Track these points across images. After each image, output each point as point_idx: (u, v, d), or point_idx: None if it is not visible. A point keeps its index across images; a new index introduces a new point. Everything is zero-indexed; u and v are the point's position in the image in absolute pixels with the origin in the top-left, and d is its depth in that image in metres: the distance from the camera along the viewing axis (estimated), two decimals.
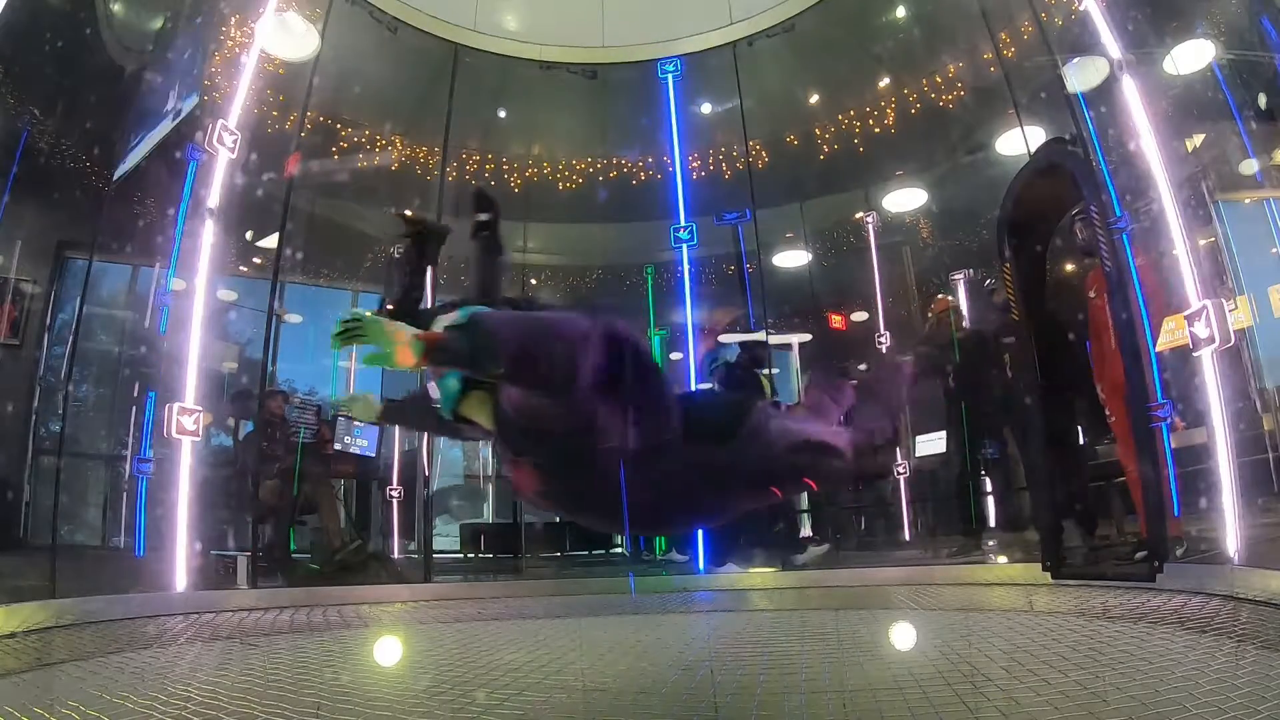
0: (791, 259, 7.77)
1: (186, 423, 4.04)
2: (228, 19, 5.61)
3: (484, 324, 1.37)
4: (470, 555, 6.80)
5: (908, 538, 5.86)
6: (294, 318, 7.27)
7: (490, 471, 8.65)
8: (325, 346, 7.94)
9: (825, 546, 5.36)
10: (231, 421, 5.75)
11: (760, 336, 5.91)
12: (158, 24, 5.76)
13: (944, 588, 4.16)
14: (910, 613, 3.46)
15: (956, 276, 6.84)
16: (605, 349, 1.38)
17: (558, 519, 8.31)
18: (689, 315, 5.63)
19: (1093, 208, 3.80)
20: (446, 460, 8.21)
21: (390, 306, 2.48)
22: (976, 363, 5.23)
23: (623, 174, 7.70)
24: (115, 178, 4.80)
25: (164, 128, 5.14)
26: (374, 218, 7.84)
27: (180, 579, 3.93)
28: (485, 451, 8.98)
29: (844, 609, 3.57)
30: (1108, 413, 4.03)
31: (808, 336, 7.56)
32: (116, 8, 5.73)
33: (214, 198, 4.35)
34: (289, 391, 6.26)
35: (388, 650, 2.82)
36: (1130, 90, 3.88)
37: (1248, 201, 5.33)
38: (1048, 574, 3.97)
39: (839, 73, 7.06)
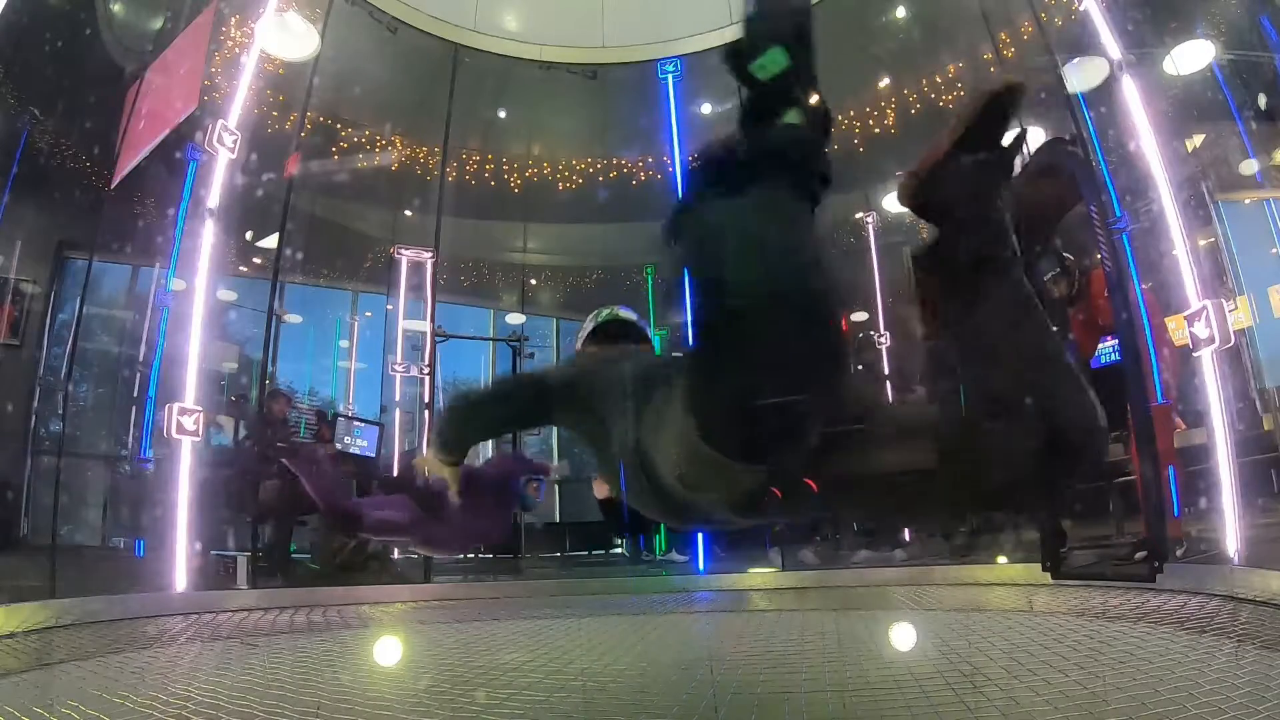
0: None
1: (186, 423, 4.04)
2: (228, 19, 5.62)
3: None
4: (470, 555, 6.79)
5: (907, 538, 5.86)
6: (294, 318, 7.27)
7: None
8: (325, 346, 7.95)
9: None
10: (231, 421, 5.75)
11: None
12: (158, 24, 5.76)
13: (944, 588, 4.16)
14: (910, 613, 3.46)
15: None
16: None
17: (558, 519, 8.34)
18: (689, 316, 5.62)
19: (1093, 208, 3.80)
20: None
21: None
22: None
23: (623, 174, 7.70)
24: (115, 182, 4.80)
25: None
26: (374, 217, 7.85)
27: (180, 579, 3.93)
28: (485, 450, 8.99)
29: (844, 609, 3.57)
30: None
31: None
32: (116, 8, 5.73)
33: (214, 198, 4.34)
34: (290, 393, 6.26)
35: (388, 650, 2.82)
36: (1130, 90, 3.88)
37: (1248, 201, 5.35)
38: (1048, 574, 3.96)
39: (839, 73, 7.06)
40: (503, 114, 7.57)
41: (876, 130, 6.89)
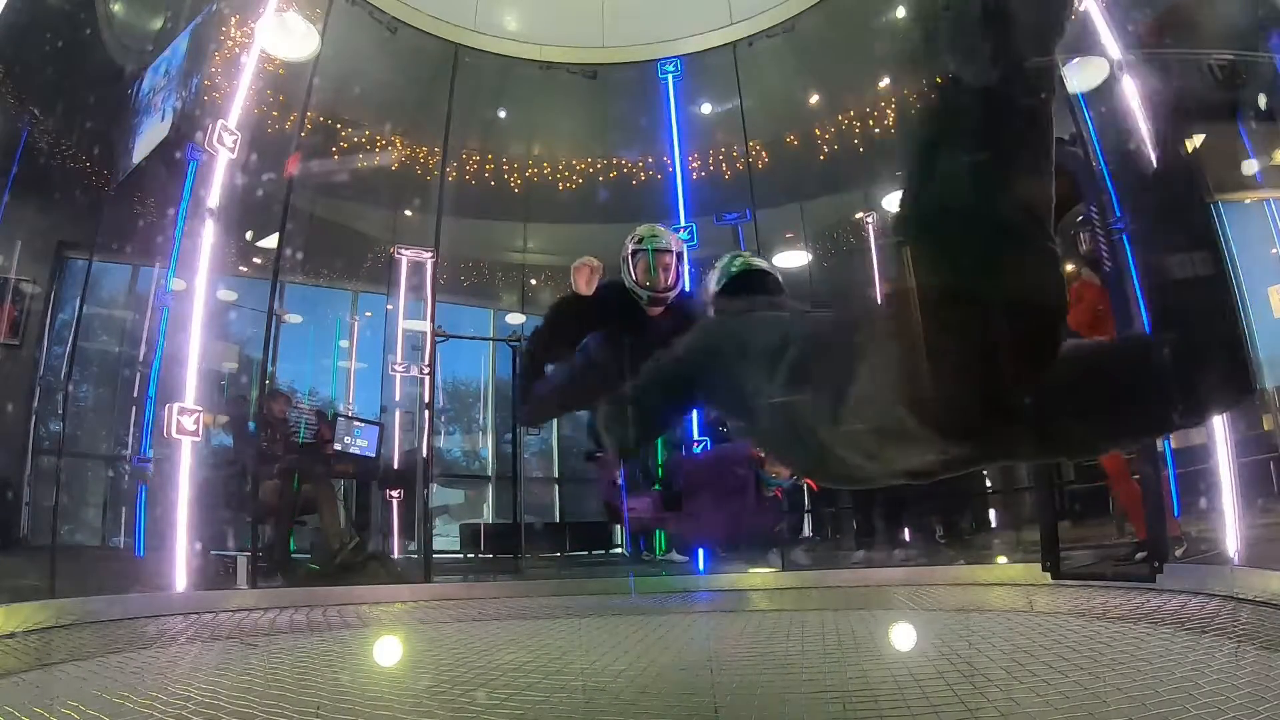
0: (791, 259, 7.77)
1: (186, 423, 4.04)
2: (228, 19, 5.61)
3: None
4: (470, 555, 6.79)
5: (908, 538, 5.86)
6: (294, 318, 7.27)
7: (491, 472, 8.64)
8: (325, 346, 7.95)
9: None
10: (230, 421, 5.75)
11: None
12: (158, 24, 5.76)
13: (944, 588, 4.16)
14: (910, 613, 3.46)
15: None
16: None
17: (558, 519, 8.34)
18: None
19: (1093, 208, 3.80)
20: (444, 462, 8.21)
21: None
22: None
23: (623, 174, 7.70)
24: (116, 181, 4.80)
25: (163, 129, 5.15)
26: (374, 217, 7.85)
27: (180, 579, 3.93)
28: (485, 452, 8.99)
29: (844, 609, 3.57)
30: None
31: None
32: (116, 8, 5.73)
33: (214, 198, 4.34)
34: (291, 394, 6.26)
35: (388, 650, 2.82)
36: (1130, 90, 3.88)
37: (1248, 201, 5.33)
38: (1048, 574, 3.97)
39: (839, 73, 7.06)
40: (503, 114, 7.57)
41: (877, 130, 6.88)
